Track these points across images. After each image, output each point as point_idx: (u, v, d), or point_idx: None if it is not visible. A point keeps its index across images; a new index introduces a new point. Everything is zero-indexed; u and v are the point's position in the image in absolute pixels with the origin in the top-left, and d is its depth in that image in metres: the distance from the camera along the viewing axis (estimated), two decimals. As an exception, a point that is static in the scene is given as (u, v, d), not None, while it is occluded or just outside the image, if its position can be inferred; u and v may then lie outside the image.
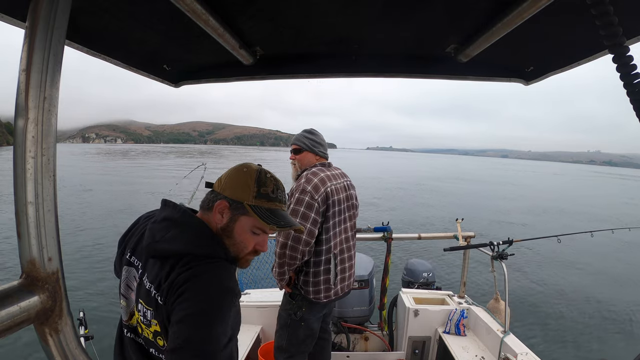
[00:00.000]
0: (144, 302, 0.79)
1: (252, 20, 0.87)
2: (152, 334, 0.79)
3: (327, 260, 1.70)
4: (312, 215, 1.60)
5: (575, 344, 4.61)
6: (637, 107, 0.38)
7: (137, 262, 0.84)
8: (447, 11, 0.81)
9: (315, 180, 1.65)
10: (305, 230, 1.58)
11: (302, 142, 1.80)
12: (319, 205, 1.62)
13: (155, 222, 0.83)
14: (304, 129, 1.86)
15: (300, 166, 1.81)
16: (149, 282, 0.78)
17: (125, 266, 0.87)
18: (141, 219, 0.95)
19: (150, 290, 0.77)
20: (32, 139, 0.39)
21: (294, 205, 1.61)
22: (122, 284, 0.87)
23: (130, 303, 0.84)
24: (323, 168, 1.76)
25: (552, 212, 16.37)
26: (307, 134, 1.83)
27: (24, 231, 0.40)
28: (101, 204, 13.05)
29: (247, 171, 0.87)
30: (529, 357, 1.76)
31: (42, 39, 0.39)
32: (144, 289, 0.79)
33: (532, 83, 1.24)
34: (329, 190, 1.66)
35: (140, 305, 0.80)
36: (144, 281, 0.79)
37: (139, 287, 0.81)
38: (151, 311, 0.77)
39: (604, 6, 0.39)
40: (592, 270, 7.76)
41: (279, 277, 1.68)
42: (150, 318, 0.78)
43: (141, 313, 0.79)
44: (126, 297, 0.86)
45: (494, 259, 2.12)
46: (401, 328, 2.39)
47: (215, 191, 0.86)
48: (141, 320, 0.80)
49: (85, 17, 0.78)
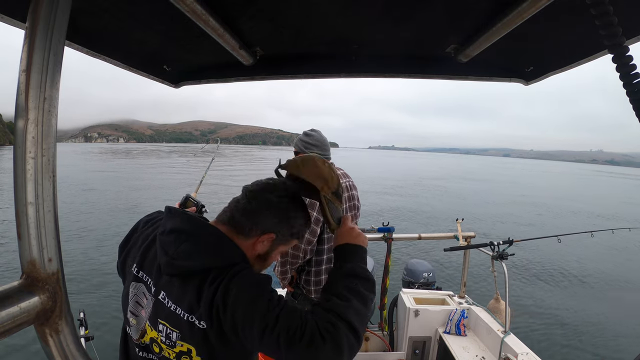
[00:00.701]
0: (168, 324, 0.74)
1: (252, 21, 0.87)
2: (176, 354, 0.75)
3: (329, 259, 1.71)
4: (314, 214, 1.61)
5: (576, 343, 4.61)
6: (636, 107, 0.38)
7: (147, 277, 0.79)
8: (447, 11, 0.81)
9: None
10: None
11: (297, 145, 1.82)
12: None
13: (164, 234, 0.77)
14: (304, 131, 1.86)
15: None
16: (172, 304, 0.73)
17: (133, 282, 0.81)
18: (141, 224, 0.91)
19: (178, 312, 0.72)
20: (32, 139, 0.39)
21: None
22: (131, 302, 0.81)
23: (141, 321, 0.79)
24: None
25: (551, 212, 16.36)
26: (302, 136, 1.84)
27: (24, 232, 0.40)
28: (103, 203, 13.05)
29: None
30: (529, 357, 1.75)
31: (42, 39, 0.39)
32: (165, 309, 0.74)
33: (532, 83, 1.24)
34: None
35: (161, 325, 0.75)
36: (164, 301, 0.74)
37: (157, 307, 0.76)
38: (178, 333, 0.73)
39: (604, 6, 0.39)
40: (593, 270, 7.76)
41: (281, 276, 1.69)
42: (175, 340, 0.74)
43: (163, 334, 0.75)
44: (136, 314, 0.80)
45: (494, 259, 2.12)
46: (401, 328, 2.39)
47: (258, 221, 0.81)
48: (162, 340, 0.76)
49: (85, 18, 0.78)
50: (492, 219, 13.49)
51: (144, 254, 0.82)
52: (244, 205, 0.82)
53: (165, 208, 0.85)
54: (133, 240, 0.88)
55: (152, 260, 0.80)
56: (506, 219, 13.74)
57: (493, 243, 2.17)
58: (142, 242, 0.85)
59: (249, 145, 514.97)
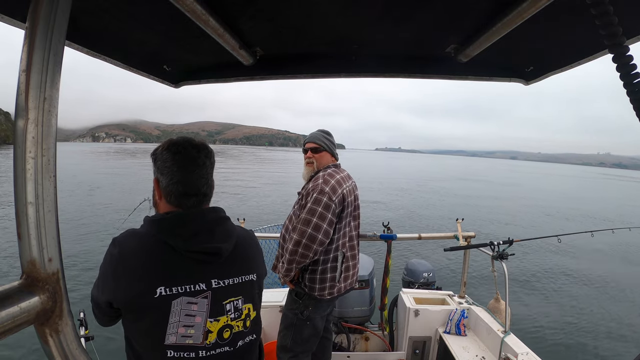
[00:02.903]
0: (233, 297, 0.87)
1: (252, 21, 0.87)
2: (242, 321, 0.89)
3: (335, 258, 1.72)
4: (329, 216, 1.61)
5: (576, 343, 4.60)
6: (637, 107, 0.38)
7: (183, 288, 0.80)
8: (447, 11, 0.81)
9: (332, 181, 1.67)
10: (322, 230, 1.59)
11: (322, 141, 1.81)
12: (336, 207, 1.64)
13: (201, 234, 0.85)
14: (319, 129, 1.87)
15: (317, 165, 1.80)
16: (229, 280, 0.87)
17: (172, 301, 0.79)
18: (126, 254, 0.81)
19: (237, 281, 0.88)
20: (32, 139, 0.39)
21: (312, 204, 1.62)
22: (181, 318, 0.80)
23: (199, 327, 0.82)
24: (337, 170, 1.78)
25: (553, 215, 16.35)
26: (325, 134, 1.84)
27: (24, 232, 0.40)
28: (106, 202, 13.04)
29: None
30: (529, 357, 1.75)
31: (42, 39, 0.39)
32: (224, 291, 0.86)
33: (532, 83, 1.24)
34: (344, 191, 1.69)
35: (228, 305, 0.86)
36: (221, 283, 0.86)
37: (215, 296, 0.85)
38: (241, 299, 0.89)
39: (604, 6, 0.39)
40: (593, 270, 7.75)
41: (284, 273, 1.69)
42: (241, 305, 0.89)
43: (231, 311, 0.87)
44: (192, 325, 0.82)
45: (494, 259, 2.12)
46: (401, 328, 2.39)
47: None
48: (231, 318, 0.87)
49: (85, 18, 0.78)
50: (492, 219, 13.48)
51: (165, 273, 0.80)
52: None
53: (174, 215, 0.85)
54: (129, 273, 0.80)
55: (182, 268, 0.82)
56: (506, 219, 13.74)
57: (493, 243, 2.17)
58: (152, 267, 0.81)
59: (256, 146, 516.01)
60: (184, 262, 0.82)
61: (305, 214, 1.61)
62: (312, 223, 1.59)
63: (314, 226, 1.59)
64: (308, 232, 1.58)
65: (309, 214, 1.60)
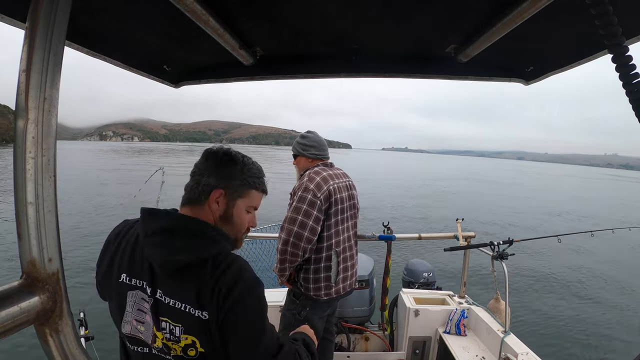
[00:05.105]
0: (170, 320, 0.77)
1: (252, 21, 0.87)
2: (182, 348, 0.77)
3: (328, 257, 1.71)
4: (315, 212, 1.62)
5: (576, 343, 4.60)
6: (636, 107, 0.38)
7: (140, 282, 0.80)
8: (447, 11, 0.81)
9: (317, 178, 1.68)
10: (308, 227, 1.60)
11: (295, 148, 1.88)
12: (322, 203, 1.65)
13: (149, 236, 0.78)
14: (300, 134, 1.93)
15: (299, 170, 1.88)
16: (171, 299, 0.76)
17: (129, 291, 0.81)
18: (111, 239, 0.89)
19: (178, 306, 0.76)
20: (32, 139, 0.39)
21: (297, 202, 1.64)
22: (134, 311, 0.81)
23: (148, 327, 0.80)
24: (325, 167, 1.80)
25: (555, 216, 16.34)
26: (299, 139, 1.90)
27: (24, 232, 0.40)
28: (107, 202, 13.04)
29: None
30: (529, 357, 1.75)
31: (42, 39, 0.39)
32: (165, 306, 0.77)
33: (532, 83, 1.24)
34: (331, 188, 1.69)
35: (164, 323, 0.77)
36: (162, 299, 0.77)
37: (156, 306, 0.78)
38: (180, 327, 0.76)
39: (603, 6, 0.39)
40: (593, 269, 7.75)
41: (279, 273, 1.71)
42: (179, 334, 0.77)
43: (166, 331, 0.77)
44: (142, 321, 0.80)
45: (494, 259, 2.12)
46: (401, 328, 2.39)
47: (201, 183, 0.83)
48: (167, 338, 0.78)
49: (85, 18, 0.78)
50: (492, 220, 13.48)
51: (130, 262, 0.82)
52: (190, 182, 0.87)
53: (142, 210, 0.83)
54: (109, 256, 0.86)
55: (140, 265, 0.81)
56: (506, 220, 13.73)
57: (493, 243, 2.17)
58: (122, 253, 0.84)
59: (262, 145, 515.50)
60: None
61: (291, 212, 1.64)
62: (297, 221, 1.61)
63: (299, 224, 1.60)
64: (294, 230, 1.60)
65: (294, 212, 1.63)
